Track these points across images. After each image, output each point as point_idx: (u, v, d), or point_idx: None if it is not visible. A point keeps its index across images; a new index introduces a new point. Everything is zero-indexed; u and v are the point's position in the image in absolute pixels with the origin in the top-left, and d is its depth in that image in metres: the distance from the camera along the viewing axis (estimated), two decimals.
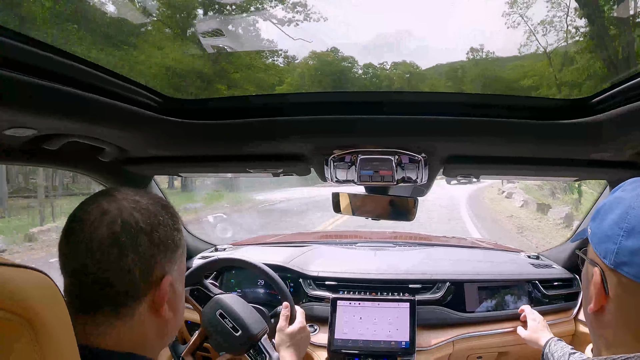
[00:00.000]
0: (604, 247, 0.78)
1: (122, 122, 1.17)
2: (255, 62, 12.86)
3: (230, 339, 1.47)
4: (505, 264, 2.14)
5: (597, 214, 0.84)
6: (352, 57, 15.18)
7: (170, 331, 0.89)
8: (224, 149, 1.51)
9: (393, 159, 1.41)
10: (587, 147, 1.31)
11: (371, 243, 2.52)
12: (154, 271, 0.80)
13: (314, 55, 14.74)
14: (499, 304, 1.93)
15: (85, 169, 1.55)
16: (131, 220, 0.77)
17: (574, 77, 10.98)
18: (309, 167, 1.58)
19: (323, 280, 1.97)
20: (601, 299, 0.80)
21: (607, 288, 0.79)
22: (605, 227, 0.79)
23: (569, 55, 11.41)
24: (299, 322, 1.53)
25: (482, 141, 1.34)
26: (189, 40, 9.84)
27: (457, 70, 15.19)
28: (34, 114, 0.95)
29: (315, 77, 14.53)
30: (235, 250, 2.39)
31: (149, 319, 0.82)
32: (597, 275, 0.80)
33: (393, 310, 1.80)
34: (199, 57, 10.24)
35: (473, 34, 23.71)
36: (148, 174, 1.85)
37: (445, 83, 14.78)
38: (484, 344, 1.83)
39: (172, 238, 0.84)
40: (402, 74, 15.84)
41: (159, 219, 0.82)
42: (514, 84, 12.60)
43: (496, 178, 1.81)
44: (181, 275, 0.91)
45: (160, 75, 8.29)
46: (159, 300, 0.81)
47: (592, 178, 1.71)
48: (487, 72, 14.50)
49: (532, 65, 12.58)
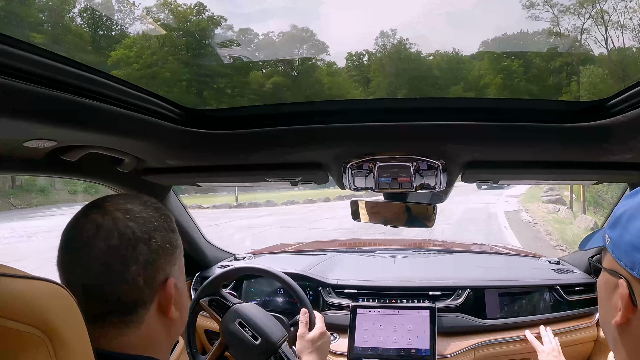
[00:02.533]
0: (631, 258, 0.73)
1: (142, 133, 1.19)
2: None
3: (251, 348, 1.46)
4: (525, 269, 2.12)
5: (618, 222, 0.79)
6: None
7: (178, 329, 0.90)
8: (243, 158, 1.52)
9: (411, 166, 1.41)
10: (607, 149, 1.29)
11: (390, 250, 2.51)
12: (157, 276, 0.80)
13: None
14: (520, 310, 1.91)
15: (104, 180, 1.57)
16: (127, 231, 0.76)
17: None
18: (327, 175, 1.59)
19: (342, 289, 1.97)
20: (628, 312, 0.75)
21: (636, 300, 0.74)
22: (631, 236, 0.74)
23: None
24: (318, 327, 1.51)
25: (501, 146, 1.33)
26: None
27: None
28: (54, 126, 0.96)
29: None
30: (254, 259, 2.40)
31: (158, 322, 0.82)
32: (624, 288, 0.75)
33: (413, 318, 1.79)
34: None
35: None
36: (167, 184, 1.86)
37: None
38: (505, 351, 1.80)
39: (170, 240, 0.84)
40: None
41: (155, 224, 0.81)
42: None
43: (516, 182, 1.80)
44: (182, 273, 0.91)
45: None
46: (165, 302, 0.82)
47: (612, 181, 1.69)
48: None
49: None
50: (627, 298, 0.74)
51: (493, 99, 1.30)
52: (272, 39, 15.81)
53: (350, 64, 9.47)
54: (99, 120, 1.02)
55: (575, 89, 10.76)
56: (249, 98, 8.11)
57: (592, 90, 9.56)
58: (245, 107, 1.37)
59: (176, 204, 2.00)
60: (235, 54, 12.16)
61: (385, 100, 1.36)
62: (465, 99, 1.30)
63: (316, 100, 1.32)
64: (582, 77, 10.65)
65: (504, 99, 1.25)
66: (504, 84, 10.44)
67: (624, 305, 0.75)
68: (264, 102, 9.82)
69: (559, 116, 1.17)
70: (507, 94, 9.23)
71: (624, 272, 0.75)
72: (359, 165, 1.45)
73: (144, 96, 1.07)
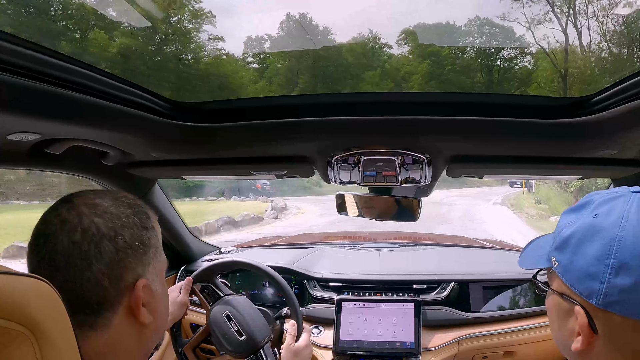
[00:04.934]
0: (586, 286, 0.70)
1: (126, 126, 1.17)
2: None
3: (234, 342, 1.48)
4: (509, 263, 2.13)
5: (566, 245, 0.75)
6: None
7: (152, 335, 0.85)
8: (228, 151, 1.51)
9: (396, 160, 1.41)
10: (591, 145, 1.30)
11: (375, 244, 2.51)
12: (125, 276, 0.76)
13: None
14: (504, 303, 1.92)
15: (89, 173, 1.55)
16: (91, 226, 0.73)
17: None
18: (312, 168, 1.58)
19: (328, 282, 1.97)
20: (589, 338, 0.72)
21: (595, 327, 0.70)
22: (584, 263, 0.71)
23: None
24: (303, 339, 1.53)
25: (486, 140, 1.34)
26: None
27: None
28: (38, 119, 0.95)
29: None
30: (239, 253, 2.40)
31: (127, 326, 0.78)
32: (582, 317, 0.71)
33: (398, 311, 1.80)
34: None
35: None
36: (152, 177, 1.85)
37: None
38: (489, 344, 1.82)
39: (140, 239, 0.79)
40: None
41: (123, 220, 0.78)
42: None
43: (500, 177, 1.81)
44: (159, 276, 0.86)
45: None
46: (134, 305, 0.77)
47: (596, 176, 1.71)
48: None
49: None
50: (587, 325, 0.71)
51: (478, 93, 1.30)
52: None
53: (249, 51, 8.63)
54: (84, 113, 1.01)
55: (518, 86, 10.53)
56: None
57: (546, 90, 9.36)
58: (231, 100, 1.36)
59: (161, 197, 1.99)
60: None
61: (371, 94, 1.35)
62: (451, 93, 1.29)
63: (302, 94, 1.32)
64: (538, 74, 10.48)
65: (490, 94, 1.25)
66: (430, 73, 9.91)
67: (584, 333, 0.72)
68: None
69: (544, 111, 1.17)
70: (433, 85, 8.93)
71: (579, 299, 0.72)
72: (344, 159, 1.45)
73: (129, 88, 1.06)
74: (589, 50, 10.44)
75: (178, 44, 5.50)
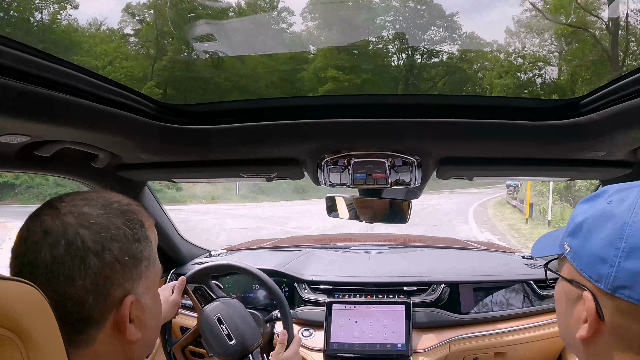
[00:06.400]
0: (596, 270, 0.70)
1: (115, 128, 1.17)
2: None
3: (223, 346, 1.48)
4: (499, 264, 2.14)
5: (578, 230, 0.76)
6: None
7: (140, 351, 0.81)
8: (217, 153, 1.51)
9: (386, 162, 1.42)
10: (580, 147, 1.31)
11: (366, 246, 2.52)
12: (111, 292, 0.71)
13: None
14: (495, 304, 1.93)
15: (78, 176, 1.54)
16: (76, 240, 0.68)
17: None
18: (302, 170, 1.58)
19: (318, 284, 1.97)
20: (595, 325, 0.72)
21: (602, 313, 0.71)
22: (595, 247, 0.71)
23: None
24: (292, 348, 1.53)
25: (475, 143, 1.34)
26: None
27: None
28: (27, 121, 0.94)
29: None
30: (229, 255, 2.38)
31: (113, 343, 0.73)
32: (590, 301, 0.72)
33: (388, 313, 1.79)
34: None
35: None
36: (141, 180, 1.84)
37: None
38: (480, 345, 1.83)
39: (131, 253, 0.74)
40: None
41: (112, 233, 0.72)
42: None
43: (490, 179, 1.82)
44: (150, 289, 0.80)
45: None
46: (120, 321, 0.72)
47: (586, 177, 1.72)
48: None
49: None
50: (594, 311, 0.71)
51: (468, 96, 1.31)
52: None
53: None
54: (73, 115, 1.00)
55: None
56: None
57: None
58: (220, 102, 1.36)
59: (151, 200, 1.98)
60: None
61: (361, 96, 1.36)
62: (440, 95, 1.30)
63: (292, 96, 1.32)
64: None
65: (479, 96, 1.27)
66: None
67: (590, 319, 0.72)
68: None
69: (534, 114, 1.18)
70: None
71: (588, 284, 0.73)
72: (334, 161, 1.45)
73: (119, 90, 1.06)
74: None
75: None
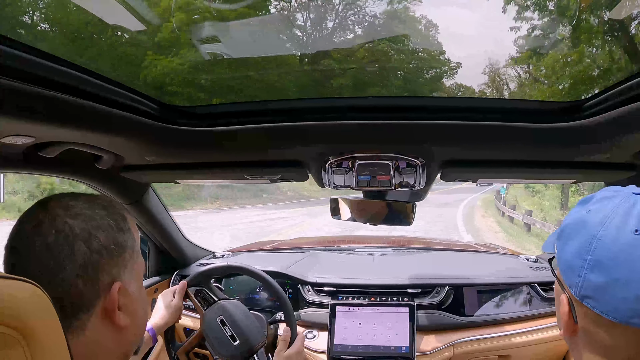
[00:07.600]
0: (569, 277, 0.74)
1: (120, 129, 1.17)
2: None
3: (227, 347, 1.48)
4: (504, 267, 2.14)
5: (562, 234, 0.78)
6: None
7: (131, 337, 0.85)
8: (222, 155, 1.51)
9: (391, 164, 1.41)
10: (585, 149, 1.31)
11: (370, 248, 2.52)
12: (100, 278, 0.76)
13: None
14: (499, 307, 1.93)
15: (83, 177, 1.55)
16: (65, 228, 0.74)
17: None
18: (306, 172, 1.58)
19: (322, 286, 1.97)
20: (570, 326, 0.76)
21: (576, 317, 0.75)
22: (568, 255, 0.74)
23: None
24: (296, 346, 1.54)
25: (479, 145, 1.34)
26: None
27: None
28: (32, 122, 0.94)
29: None
30: (233, 257, 2.39)
31: (103, 329, 0.78)
32: (565, 305, 0.76)
33: (392, 315, 1.79)
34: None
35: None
36: (146, 181, 1.84)
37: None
38: (484, 348, 1.82)
39: (116, 241, 0.79)
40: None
41: (98, 222, 0.77)
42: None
43: (494, 181, 1.82)
44: (136, 278, 0.86)
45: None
46: (109, 307, 0.77)
47: (590, 180, 1.71)
48: None
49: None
50: (568, 314, 0.76)
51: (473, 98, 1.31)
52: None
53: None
54: (78, 117, 1.00)
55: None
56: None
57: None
58: (225, 104, 1.36)
59: (155, 201, 1.98)
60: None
61: (366, 98, 1.35)
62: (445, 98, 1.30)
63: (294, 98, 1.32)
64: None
65: (483, 98, 1.26)
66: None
67: (565, 320, 0.77)
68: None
69: (538, 116, 1.18)
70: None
71: (566, 287, 0.76)
72: (339, 163, 1.45)
73: (123, 92, 1.06)
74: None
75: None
